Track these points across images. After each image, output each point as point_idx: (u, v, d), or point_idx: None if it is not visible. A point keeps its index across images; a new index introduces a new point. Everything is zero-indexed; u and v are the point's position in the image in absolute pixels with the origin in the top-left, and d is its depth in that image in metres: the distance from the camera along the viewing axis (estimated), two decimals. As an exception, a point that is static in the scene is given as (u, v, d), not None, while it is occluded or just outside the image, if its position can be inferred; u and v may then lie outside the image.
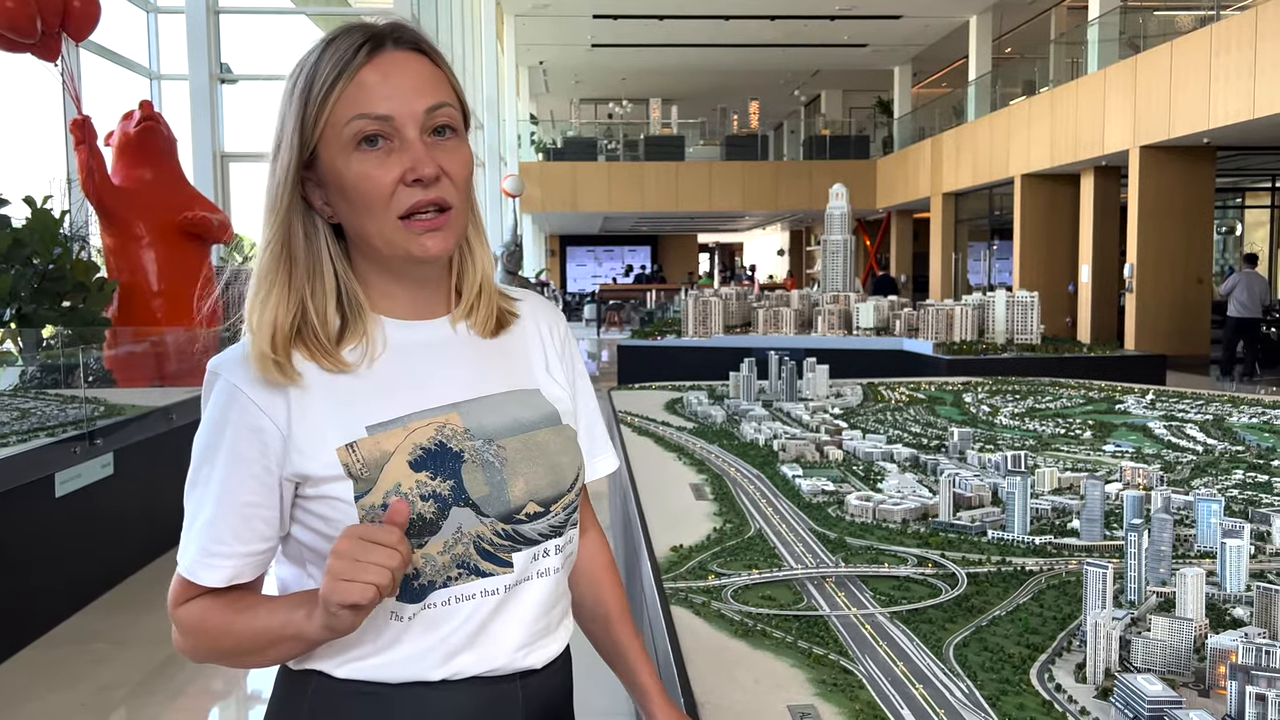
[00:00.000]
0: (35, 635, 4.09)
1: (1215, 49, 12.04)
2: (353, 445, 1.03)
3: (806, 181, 23.67)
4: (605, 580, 1.28)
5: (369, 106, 1.02)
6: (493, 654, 1.07)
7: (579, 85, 27.35)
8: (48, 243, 6.16)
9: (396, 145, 1.03)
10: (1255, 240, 22.26)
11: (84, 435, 4.50)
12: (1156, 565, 1.83)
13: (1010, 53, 21.59)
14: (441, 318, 1.14)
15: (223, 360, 1.07)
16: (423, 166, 1.02)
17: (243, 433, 1.03)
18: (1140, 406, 4.34)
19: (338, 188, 1.05)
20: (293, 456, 1.03)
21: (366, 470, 1.02)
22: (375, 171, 1.03)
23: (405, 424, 1.05)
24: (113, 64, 9.62)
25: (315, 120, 1.03)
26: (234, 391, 1.04)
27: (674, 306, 13.40)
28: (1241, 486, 2.75)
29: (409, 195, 1.03)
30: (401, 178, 1.03)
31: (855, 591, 1.86)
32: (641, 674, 1.23)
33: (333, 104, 1.02)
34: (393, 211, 1.03)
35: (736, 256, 39.76)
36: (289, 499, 1.06)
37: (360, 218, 1.05)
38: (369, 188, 1.03)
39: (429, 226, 1.04)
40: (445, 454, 1.05)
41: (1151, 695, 1.28)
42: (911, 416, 4.14)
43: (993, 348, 8.56)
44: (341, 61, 1.03)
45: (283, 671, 1.12)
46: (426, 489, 1.03)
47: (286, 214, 1.06)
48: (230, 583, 1.05)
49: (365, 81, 1.03)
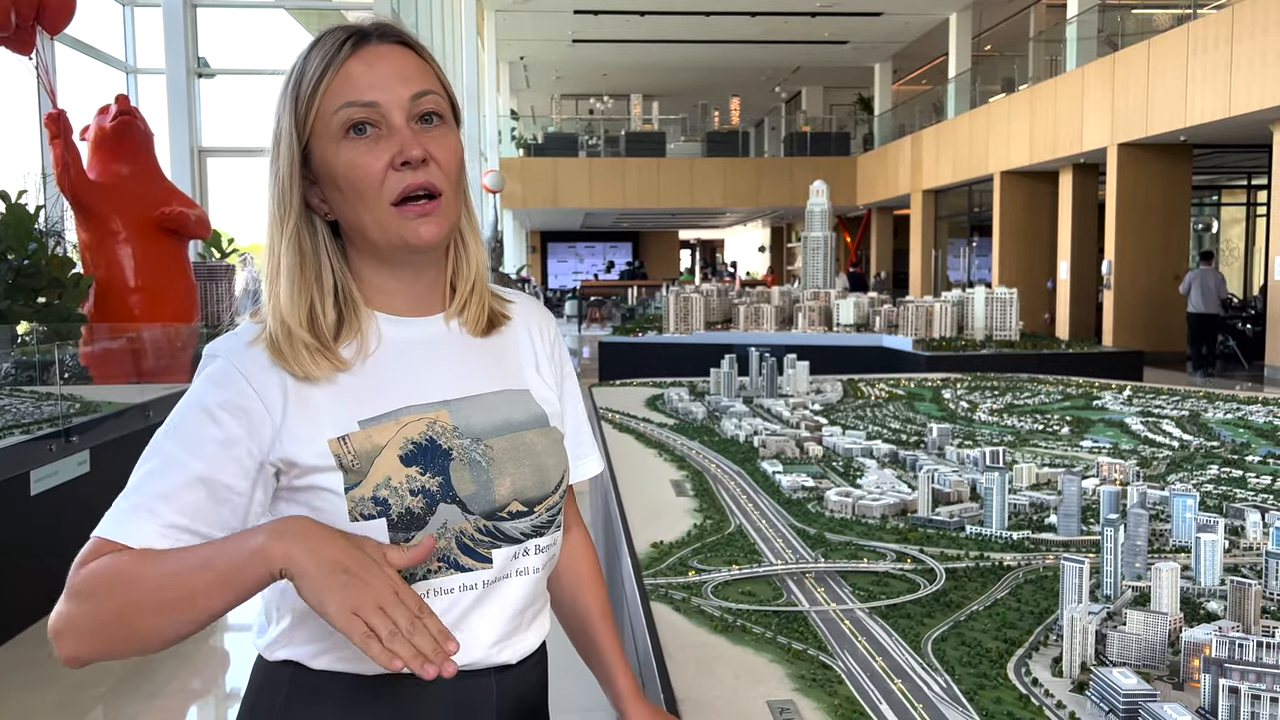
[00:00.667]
0: (10, 634, 4.05)
1: (1192, 47, 12.15)
2: (345, 438, 1.03)
3: (787, 178, 23.73)
4: (588, 581, 1.28)
5: (355, 94, 1.04)
6: (466, 649, 1.07)
7: (560, 81, 27.30)
8: (23, 238, 6.10)
9: (384, 132, 1.05)
10: (1231, 237, 22.47)
11: (60, 432, 4.46)
12: (1132, 560, 1.85)
13: (990, 50, 21.71)
14: (435, 315, 1.15)
15: (222, 344, 1.07)
16: (410, 149, 1.04)
17: (234, 412, 1.02)
18: (1117, 402, 4.37)
19: (330, 179, 1.06)
20: (283, 442, 1.02)
21: (357, 462, 1.03)
22: (364, 158, 1.04)
23: (397, 418, 1.05)
24: (88, 57, 9.52)
25: (306, 115, 1.05)
26: (231, 372, 1.04)
27: (655, 303, 13.41)
28: (1216, 481, 2.78)
29: (399, 179, 1.05)
30: (390, 162, 1.04)
31: (834, 587, 1.87)
32: (619, 677, 1.23)
33: (321, 96, 1.05)
34: (385, 197, 1.05)
35: (718, 253, 39.82)
36: (267, 490, 1.04)
37: (354, 207, 1.06)
38: (359, 175, 1.04)
39: (421, 212, 1.05)
40: (435, 450, 1.06)
41: (1126, 689, 1.29)
42: (891, 413, 4.16)
43: (972, 344, 8.62)
44: (328, 56, 1.05)
45: (259, 663, 1.12)
46: (416, 484, 1.04)
47: (295, 213, 1.08)
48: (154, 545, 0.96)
49: (351, 72, 1.05)
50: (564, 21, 20.69)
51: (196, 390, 1.05)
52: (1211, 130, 12.48)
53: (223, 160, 10.63)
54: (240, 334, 1.08)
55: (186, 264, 7.25)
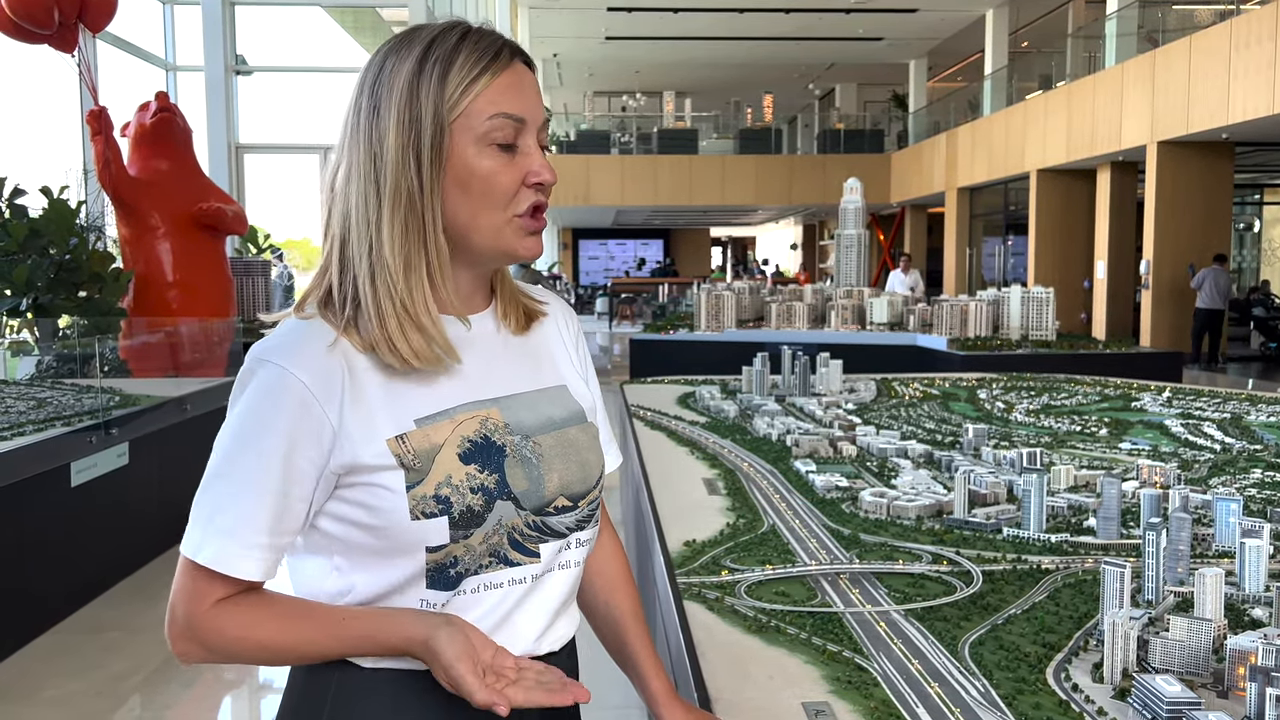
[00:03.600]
0: (50, 624, 4.12)
1: (1235, 43, 11.93)
2: (403, 437, 1.03)
3: (820, 175, 23.57)
4: (619, 583, 1.29)
5: (511, 107, 1.06)
6: (512, 642, 1.08)
7: (592, 78, 27.30)
8: (64, 233, 6.20)
9: (520, 149, 1.08)
10: (1273, 236, 22.07)
11: (99, 425, 4.53)
12: (1174, 564, 1.81)
13: (1027, 47, 21.44)
14: (480, 313, 1.15)
15: (271, 347, 1.03)
16: (545, 172, 1.08)
17: (298, 420, 1.00)
18: (1157, 404, 4.31)
19: (460, 177, 1.05)
20: (343, 446, 1.02)
21: (418, 461, 1.03)
22: (507, 169, 1.06)
23: (452, 416, 1.06)
24: (129, 55, 9.65)
25: (455, 103, 1.04)
26: (287, 378, 1.01)
27: (686, 300, 13.38)
28: (1260, 485, 2.72)
29: (528, 196, 1.08)
30: (523, 179, 1.07)
31: (869, 588, 1.85)
32: (652, 679, 1.23)
33: (477, 94, 1.05)
34: (511, 209, 1.08)
35: (749, 250, 39.69)
36: (327, 492, 1.04)
37: (475, 209, 1.07)
38: (497, 184, 1.06)
39: (535, 228, 1.10)
40: (490, 448, 1.07)
41: (1170, 696, 1.27)
42: (925, 412, 4.12)
43: (1007, 344, 8.52)
44: (485, 57, 1.05)
45: (293, 678, 1.12)
46: (475, 481, 1.05)
47: (428, 201, 1.04)
48: (265, 577, 1.03)
49: (510, 83, 1.07)
50: (597, 19, 20.69)
51: (256, 404, 1.02)
52: (1254, 128, 12.24)
53: (260, 156, 10.74)
54: (289, 334, 1.05)
55: (224, 259, 7.33)
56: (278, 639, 1.01)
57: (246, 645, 1.01)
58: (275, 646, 1.01)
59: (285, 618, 1.02)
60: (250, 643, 1.01)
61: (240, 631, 1.01)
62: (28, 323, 6.22)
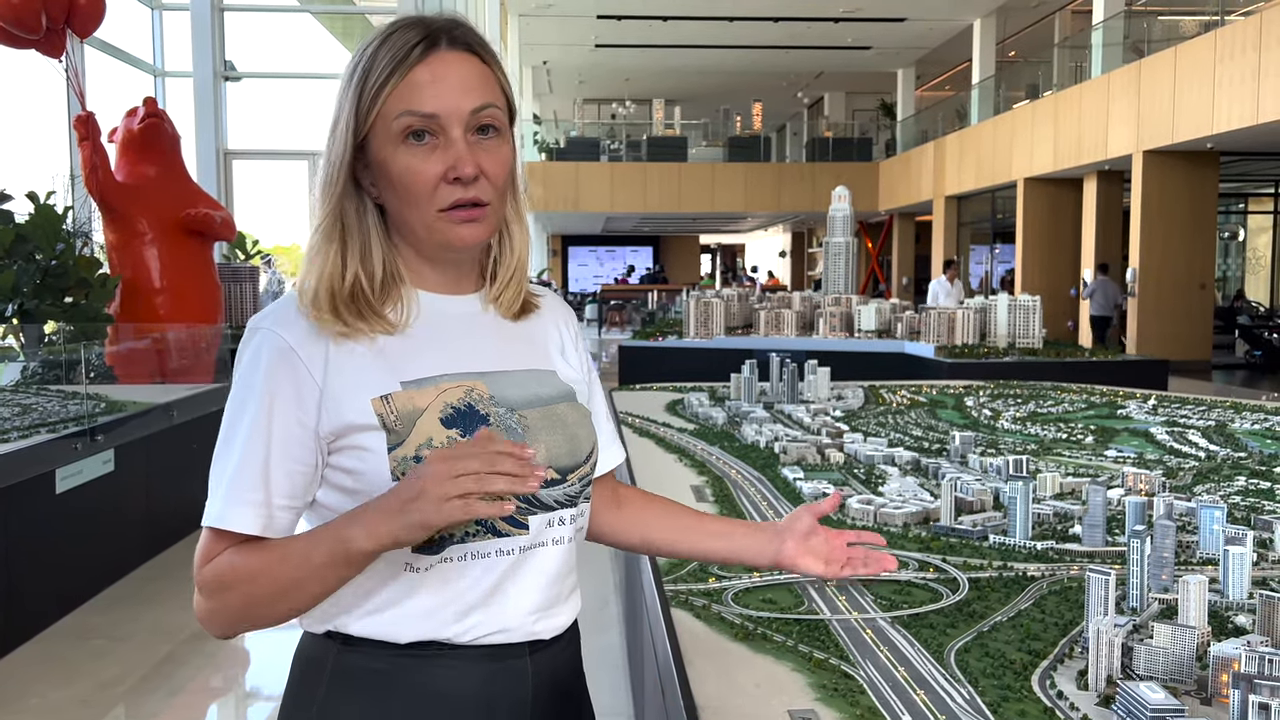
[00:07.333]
0: (35, 631, 4.09)
1: (1220, 54, 12.03)
2: (387, 397, 1.07)
3: (809, 183, 23.64)
4: (651, 498, 1.37)
5: (418, 104, 1.07)
6: (504, 615, 1.10)
7: (582, 85, 27.34)
8: (51, 238, 6.16)
9: (441, 142, 1.08)
10: (1257, 245, 22.23)
11: (85, 431, 4.50)
12: (1159, 572, 1.83)
13: (1014, 56, 21.58)
14: (470, 294, 1.19)
15: (265, 315, 1.11)
16: (463, 166, 1.08)
17: (282, 376, 1.06)
18: (1142, 411, 4.33)
19: (384, 176, 1.10)
20: (328, 407, 1.06)
21: (400, 423, 1.06)
22: (420, 166, 1.08)
23: (437, 383, 1.09)
24: (117, 60, 9.62)
25: (368, 110, 1.08)
26: (278, 342, 1.08)
27: (675, 307, 13.39)
28: (1244, 493, 2.74)
29: (449, 192, 1.09)
30: (443, 174, 1.08)
31: (856, 595, 1.86)
32: (740, 533, 1.35)
33: (385, 98, 1.08)
34: (434, 205, 1.09)
35: (739, 258, 39.74)
36: (323, 454, 1.08)
37: (403, 205, 1.10)
38: (412, 181, 1.08)
39: (466, 218, 1.10)
40: (474, 415, 1.09)
41: (1154, 703, 1.27)
42: (913, 420, 4.13)
43: (995, 351, 8.55)
44: (396, 58, 1.08)
45: (298, 657, 1.15)
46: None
47: (340, 195, 1.11)
48: (263, 531, 1.06)
49: (417, 80, 1.08)
50: (587, 26, 20.72)
51: (249, 369, 1.08)
52: (1239, 137, 12.35)
53: (248, 163, 10.72)
54: (282, 305, 1.12)
55: (211, 265, 7.30)
56: (260, 565, 1.03)
57: (236, 582, 1.04)
58: (264, 571, 1.03)
59: (262, 549, 1.05)
60: (238, 580, 1.04)
61: (224, 571, 1.04)
62: (13, 328, 6.19)
